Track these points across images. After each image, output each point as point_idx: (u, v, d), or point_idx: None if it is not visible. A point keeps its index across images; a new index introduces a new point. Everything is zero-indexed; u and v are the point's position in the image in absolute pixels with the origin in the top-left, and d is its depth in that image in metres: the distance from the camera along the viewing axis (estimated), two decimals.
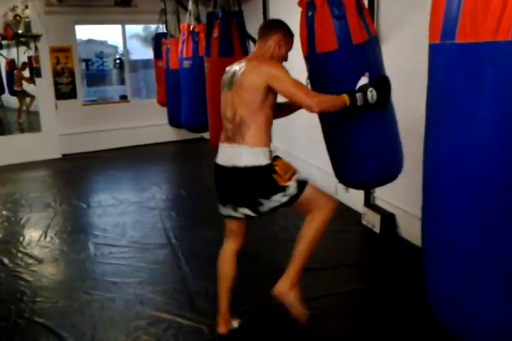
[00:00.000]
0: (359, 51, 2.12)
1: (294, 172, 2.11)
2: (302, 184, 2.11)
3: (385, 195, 3.66)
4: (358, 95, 2.07)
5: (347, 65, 2.13)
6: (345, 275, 3.00)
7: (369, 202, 3.75)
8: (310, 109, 2.01)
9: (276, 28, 2.20)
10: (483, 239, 1.21)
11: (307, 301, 2.62)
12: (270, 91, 2.05)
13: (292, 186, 2.09)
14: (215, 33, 3.75)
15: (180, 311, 2.58)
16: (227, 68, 2.24)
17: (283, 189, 2.08)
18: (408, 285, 2.80)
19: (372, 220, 3.62)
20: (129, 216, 4.24)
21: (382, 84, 2.13)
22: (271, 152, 2.12)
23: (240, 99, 2.10)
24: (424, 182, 1.39)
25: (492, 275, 1.21)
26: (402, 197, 3.42)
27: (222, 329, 2.36)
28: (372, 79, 2.11)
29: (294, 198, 2.10)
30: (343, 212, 4.04)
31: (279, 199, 2.09)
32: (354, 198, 3.96)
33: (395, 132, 2.36)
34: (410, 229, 3.37)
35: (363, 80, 2.09)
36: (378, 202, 3.74)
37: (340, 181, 2.48)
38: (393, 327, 2.44)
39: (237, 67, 2.15)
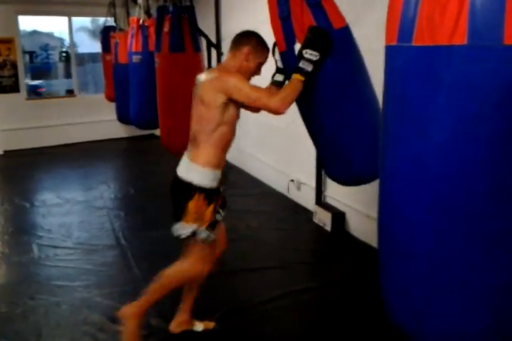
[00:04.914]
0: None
1: (203, 224, 2.03)
2: (195, 234, 2.05)
3: (335, 194, 3.70)
4: (301, 63, 1.92)
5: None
6: (298, 274, 3.01)
7: (320, 201, 3.79)
8: (277, 111, 1.95)
9: (246, 39, 2.08)
10: (439, 241, 1.21)
11: (263, 303, 2.64)
12: (230, 105, 1.98)
13: (187, 228, 2.04)
14: (166, 28, 3.67)
15: None
16: (197, 76, 2.11)
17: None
18: (360, 282, 2.84)
19: (323, 218, 3.65)
20: (75, 216, 4.09)
21: (312, 38, 1.92)
22: (216, 176, 2.06)
23: (197, 115, 2.05)
24: (381, 184, 1.38)
25: (449, 278, 1.22)
26: (352, 196, 3.47)
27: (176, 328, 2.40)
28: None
29: (179, 238, 2.07)
30: (294, 210, 4.08)
31: (176, 227, 2.06)
32: (305, 197, 3.99)
33: (367, 127, 2.17)
34: (359, 227, 3.43)
35: (297, 47, 1.98)
36: (329, 201, 3.77)
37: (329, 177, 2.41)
38: (347, 325, 2.47)
39: (203, 77, 2.06)
